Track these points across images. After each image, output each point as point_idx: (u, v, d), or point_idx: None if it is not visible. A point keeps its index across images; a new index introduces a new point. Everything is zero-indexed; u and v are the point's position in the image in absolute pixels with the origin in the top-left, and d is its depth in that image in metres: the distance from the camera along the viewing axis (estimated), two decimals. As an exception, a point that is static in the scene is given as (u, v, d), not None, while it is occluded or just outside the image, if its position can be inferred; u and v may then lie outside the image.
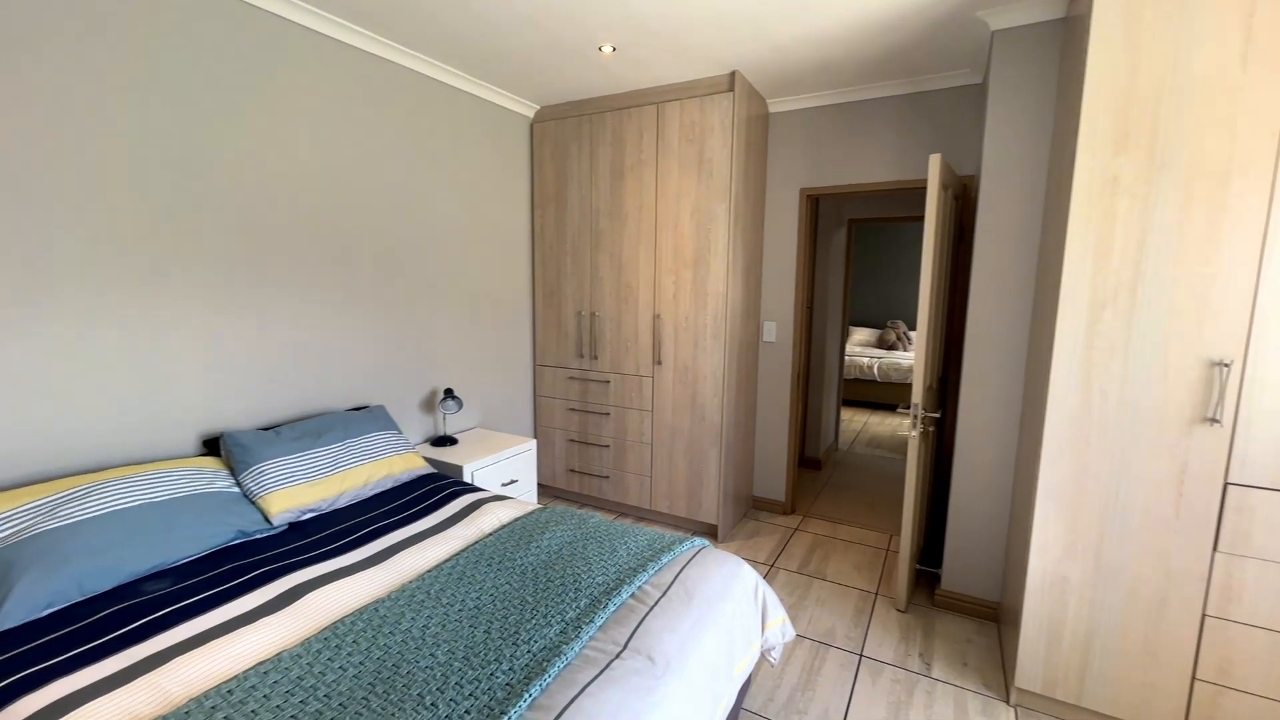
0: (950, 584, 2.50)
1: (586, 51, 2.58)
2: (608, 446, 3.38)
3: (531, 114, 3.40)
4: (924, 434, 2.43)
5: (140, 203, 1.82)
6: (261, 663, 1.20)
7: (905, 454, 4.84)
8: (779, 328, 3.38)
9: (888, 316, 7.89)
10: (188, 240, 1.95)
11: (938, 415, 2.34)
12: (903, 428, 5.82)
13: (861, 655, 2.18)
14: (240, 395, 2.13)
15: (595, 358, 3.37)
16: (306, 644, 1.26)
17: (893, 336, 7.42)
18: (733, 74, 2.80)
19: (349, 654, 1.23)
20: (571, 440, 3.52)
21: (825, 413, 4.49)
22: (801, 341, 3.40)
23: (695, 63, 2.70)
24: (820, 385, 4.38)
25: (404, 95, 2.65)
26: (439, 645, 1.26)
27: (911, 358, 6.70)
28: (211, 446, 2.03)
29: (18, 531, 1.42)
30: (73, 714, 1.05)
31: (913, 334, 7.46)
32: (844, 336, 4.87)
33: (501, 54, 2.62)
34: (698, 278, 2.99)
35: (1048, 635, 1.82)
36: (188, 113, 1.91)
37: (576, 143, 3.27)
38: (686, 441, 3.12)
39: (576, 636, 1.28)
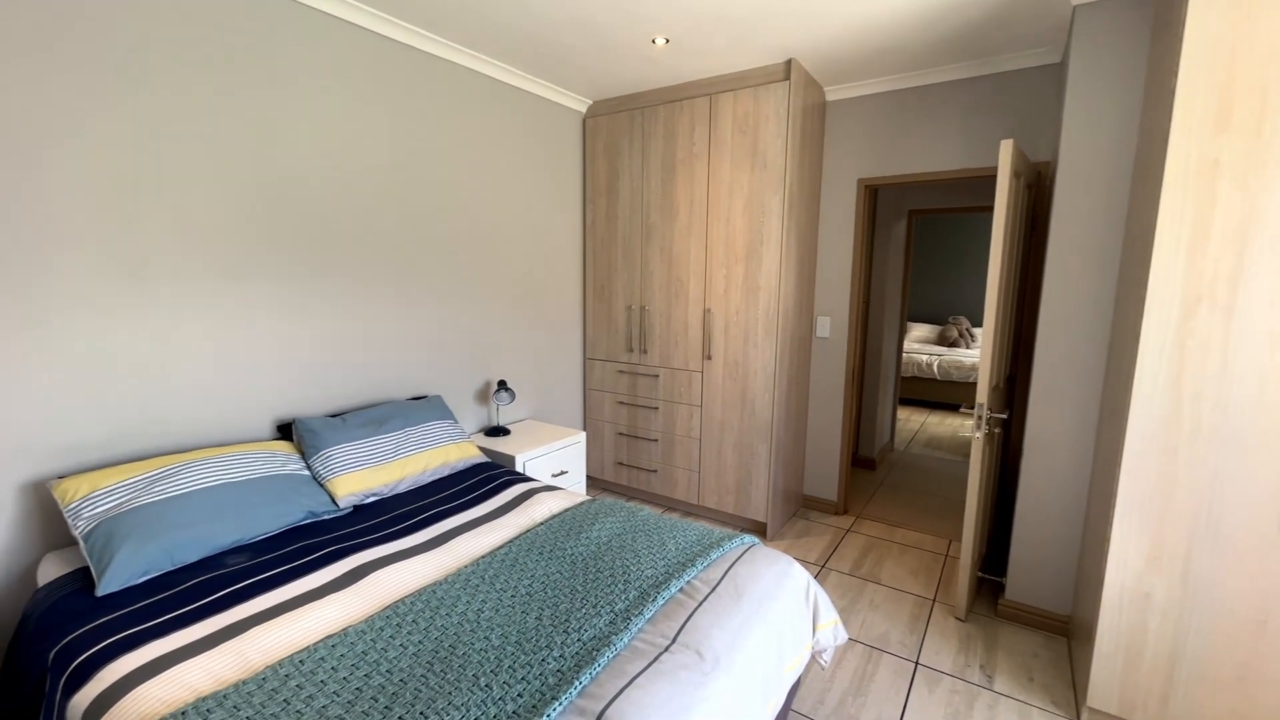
0: (1015, 594, 2.38)
1: (639, 44, 2.57)
2: (656, 440, 3.39)
3: (584, 109, 3.43)
4: (989, 435, 2.31)
5: (223, 204, 1.95)
6: (330, 636, 1.27)
7: (966, 456, 4.62)
8: (833, 323, 3.29)
9: (949, 312, 7.54)
10: (264, 238, 2.07)
11: (1004, 416, 2.22)
12: (964, 428, 5.56)
13: (917, 663, 2.11)
14: (310, 383, 2.26)
15: (645, 352, 3.37)
16: (370, 621, 1.32)
17: (954, 333, 7.08)
18: (788, 62, 2.73)
19: (409, 633, 1.28)
20: (620, 433, 3.54)
21: (881, 411, 4.35)
22: (857, 337, 3.29)
23: (750, 52, 2.64)
24: (876, 383, 4.24)
25: (460, 93, 2.72)
26: (493, 629, 1.30)
27: (974, 355, 6.38)
28: (284, 431, 2.16)
29: (119, 505, 1.55)
30: (165, 673, 1.15)
31: (976, 330, 7.10)
32: (902, 333, 4.69)
33: (555, 50, 2.65)
34: (749, 272, 2.94)
35: (1125, 654, 1.70)
36: (262, 118, 2.03)
37: (628, 137, 3.27)
38: (736, 437, 3.09)
39: (625, 628, 1.29)
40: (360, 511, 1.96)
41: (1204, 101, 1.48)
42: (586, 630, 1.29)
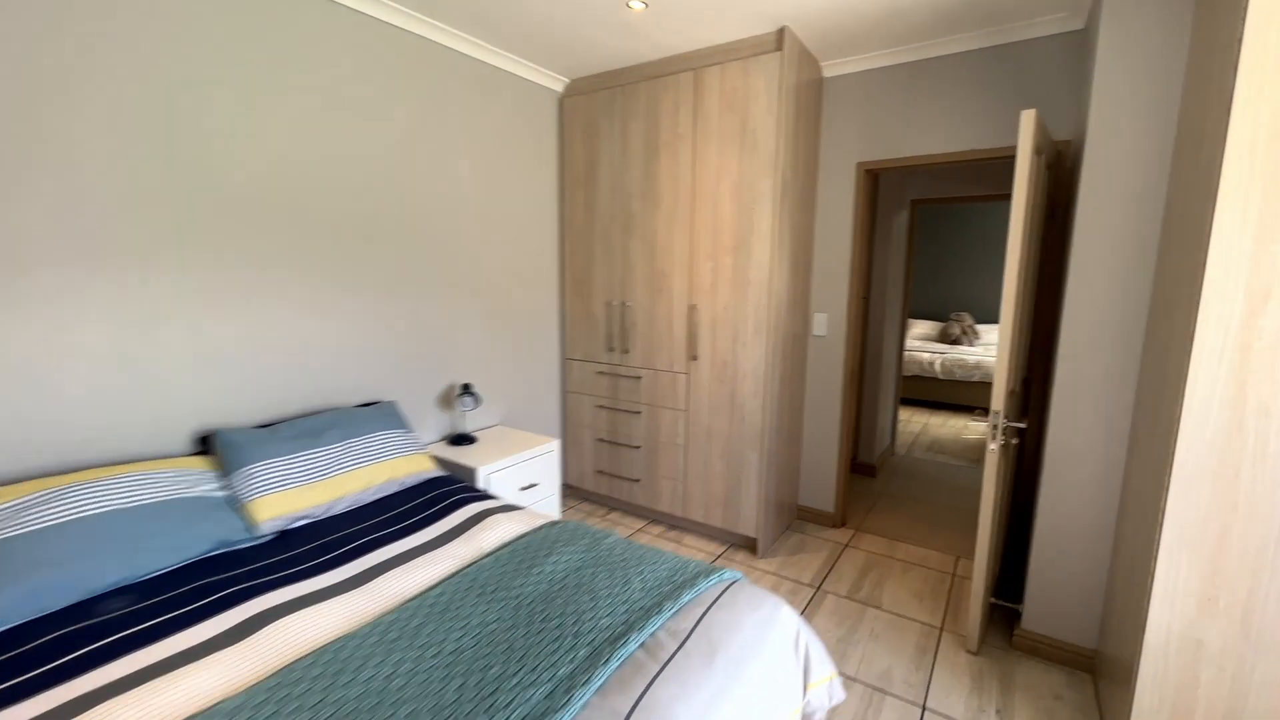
0: (1033, 624, 2.12)
1: (614, 10, 2.30)
2: (639, 447, 3.13)
3: (561, 88, 3.16)
4: (1004, 446, 2.05)
5: (127, 185, 1.68)
6: (194, 717, 1.01)
7: (971, 461, 4.37)
8: (830, 320, 3.02)
9: (952, 308, 7.27)
10: (182, 224, 1.80)
11: (1022, 425, 1.96)
12: (967, 430, 5.30)
13: (925, 707, 1.85)
14: (241, 390, 1.99)
15: (626, 351, 3.11)
16: (251, 692, 1.06)
17: (957, 330, 6.82)
18: (781, 31, 2.46)
19: (295, 710, 1.02)
20: (600, 440, 3.28)
21: (881, 414, 4.09)
22: (856, 335, 3.03)
23: (737, 20, 2.37)
24: (876, 383, 3.98)
25: (423, 68, 2.45)
26: (400, 705, 1.04)
27: (978, 353, 6.12)
28: (208, 445, 1.89)
29: (-31, 540, 1.29)
30: (-39, 776, 0.89)
31: (980, 327, 6.84)
32: (903, 330, 4.43)
33: (526, 19, 2.38)
34: (738, 264, 2.68)
35: (1172, 711, 1.44)
36: (176, 77, 1.75)
37: (608, 118, 3.00)
38: (724, 444, 2.83)
39: (566, 704, 1.03)
40: (284, 539, 1.69)
41: (1278, 51, 1.22)
42: (518, 707, 1.03)
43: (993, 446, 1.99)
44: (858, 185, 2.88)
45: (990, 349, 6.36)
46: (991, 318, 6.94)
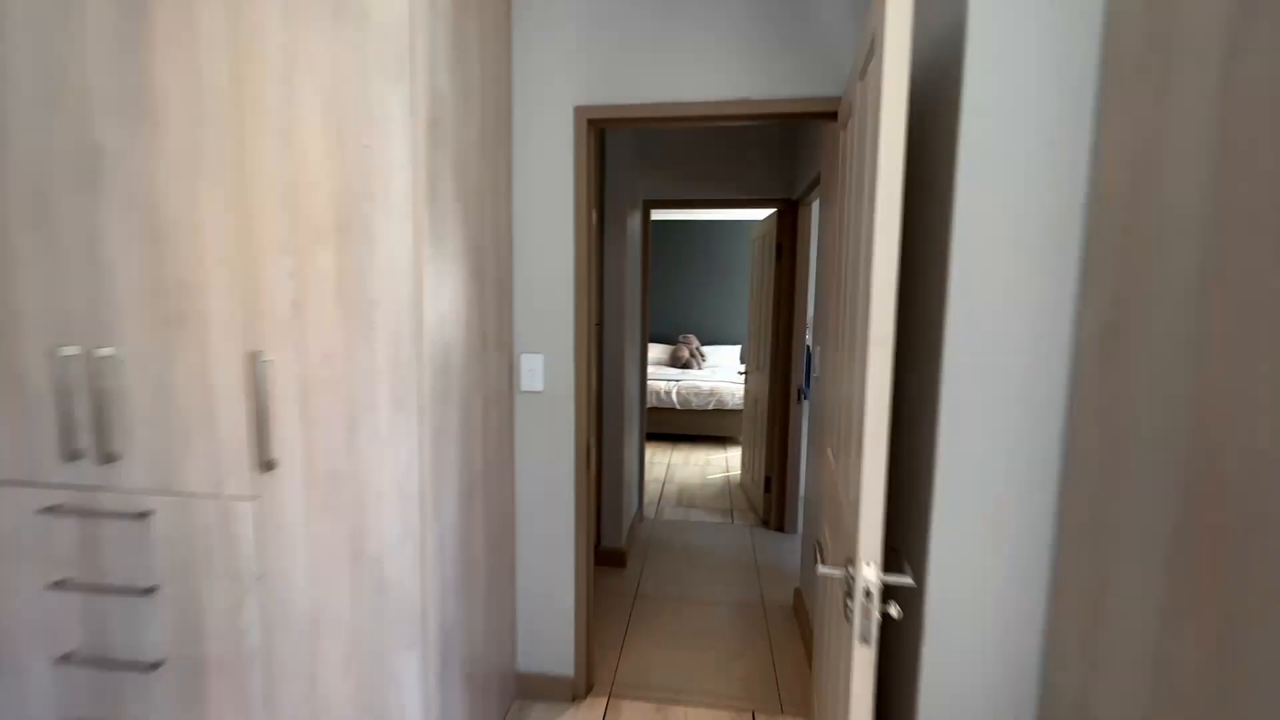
0: None
1: None
2: (157, 666, 1.41)
3: None
4: (877, 625, 1.07)
5: None
6: None
7: (723, 514, 3.71)
8: (551, 365, 1.82)
9: (678, 329, 6.99)
10: None
11: (909, 581, 1.01)
12: (710, 465, 4.80)
13: None
14: None
15: (111, 458, 1.38)
16: None
17: (686, 354, 6.51)
18: None
19: None
20: (64, 659, 1.45)
21: (627, 474, 3.09)
22: (590, 383, 1.89)
23: None
24: (619, 438, 2.96)
25: None
26: None
27: (710, 378, 5.78)
28: None
29: None
30: None
31: (707, 349, 6.65)
32: (644, 361, 3.56)
33: None
34: (346, 263, 1.26)
35: None
36: None
37: (18, -83, 1.27)
38: (348, 641, 1.35)
39: None
40: None
41: None
42: None
43: (857, 626, 0.99)
44: (579, 145, 1.75)
45: (718, 371, 6.14)
46: (717, 339, 6.85)
